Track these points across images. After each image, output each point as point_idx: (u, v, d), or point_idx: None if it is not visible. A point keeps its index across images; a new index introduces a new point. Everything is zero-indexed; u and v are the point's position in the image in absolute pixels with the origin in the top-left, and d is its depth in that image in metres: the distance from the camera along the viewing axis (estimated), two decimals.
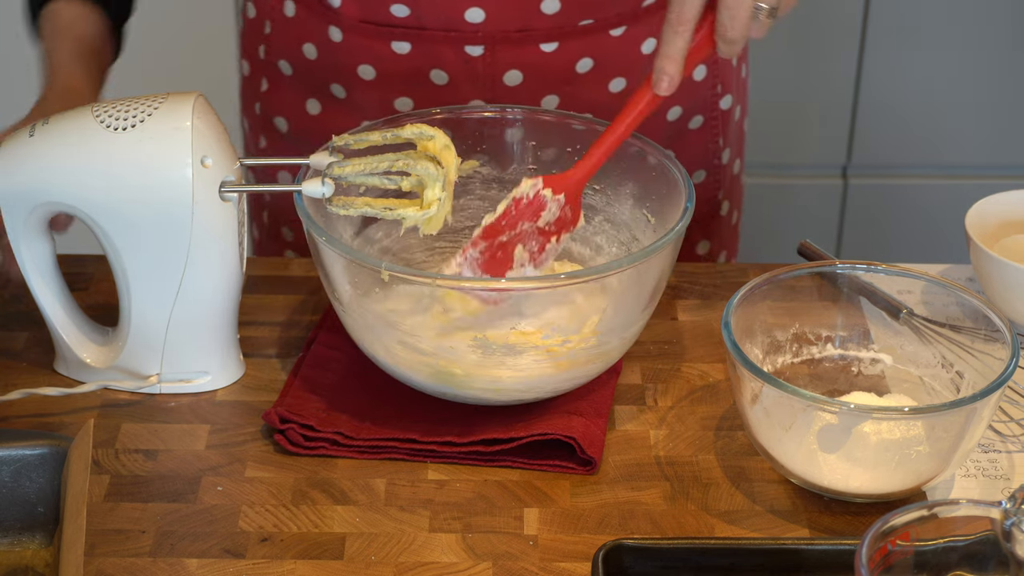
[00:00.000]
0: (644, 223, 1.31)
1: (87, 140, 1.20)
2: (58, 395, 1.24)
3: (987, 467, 1.20)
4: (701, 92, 1.54)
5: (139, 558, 1.11)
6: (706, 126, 1.56)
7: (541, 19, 1.42)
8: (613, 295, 1.24)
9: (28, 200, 1.21)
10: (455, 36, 1.43)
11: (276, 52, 1.52)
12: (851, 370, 1.25)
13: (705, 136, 1.57)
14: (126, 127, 1.19)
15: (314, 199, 1.22)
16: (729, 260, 1.67)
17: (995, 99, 2.59)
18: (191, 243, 1.21)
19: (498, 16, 1.42)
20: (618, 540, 1.08)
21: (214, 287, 1.24)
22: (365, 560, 1.12)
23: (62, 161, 1.20)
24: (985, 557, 1.01)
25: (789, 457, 1.15)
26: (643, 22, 1.46)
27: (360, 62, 1.46)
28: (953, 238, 1.66)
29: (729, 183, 1.62)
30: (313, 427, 1.21)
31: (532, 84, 1.45)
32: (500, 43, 1.43)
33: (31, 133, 1.21)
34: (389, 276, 1.16)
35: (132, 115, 1.20)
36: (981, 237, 1.37)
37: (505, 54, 1.44)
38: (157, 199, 1.19)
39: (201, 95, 1.22)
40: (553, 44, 1.44)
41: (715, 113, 1.56)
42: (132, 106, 1.21)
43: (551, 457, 1.20)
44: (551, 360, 1.19)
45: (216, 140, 1.21)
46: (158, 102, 1.21)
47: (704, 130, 1.56)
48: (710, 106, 1.56)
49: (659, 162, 1.29)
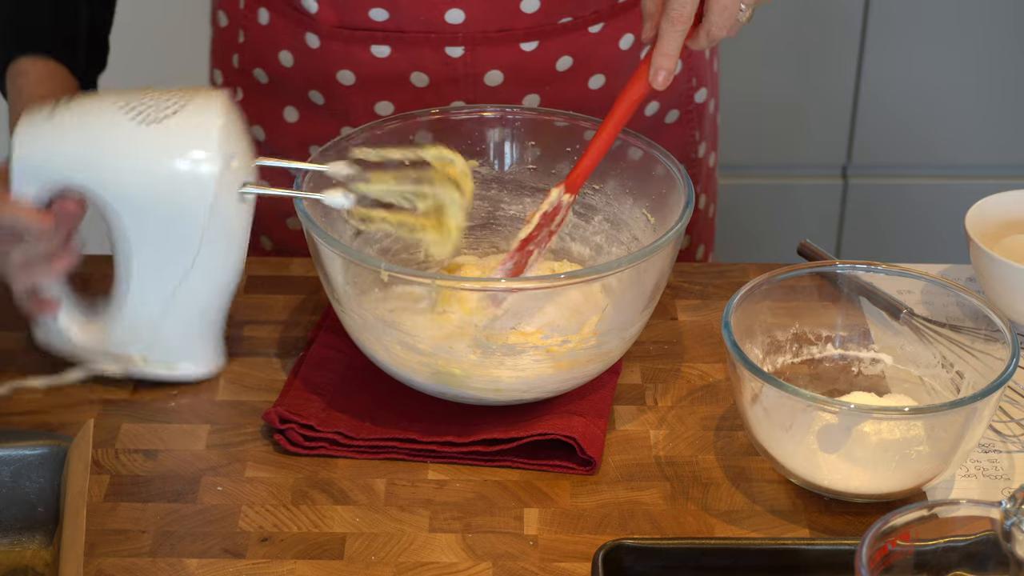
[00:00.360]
0: (644, 223, 1.31)
1: (111, 128, 1.19)
2: (43, 386, 1.24)
3: (987, 467, 1.20)
4: (677, 86, 1.55)
5: (139, 558, 1.11)
6: (682, 120, 1.57)
7: (521, 18, 1.42)
8: (613, 295, 1.24)
9: (42, 175, 1.20)
10: (435, 38, 1.42)
11: (251, 61, 1.51)
12: (851, 370, 1.25)
13: (682, 130, 1.57)
14: (151, 122, 1.19)
15: (312, 201, 1.22)
16: (707, 254, 1.67)
17: (995, 99, 2.59)
18: (203, 239, 1.21)
19: (478, 16, 1.41)
20: (618, 540, 1.08)
21: (216, 281, 1.24)
22: (365, 560, 1.12)
23: (83, 143, 1.19)
24: (985, 557, 1.01)
25: (789, 457, 1.15)
26: (620, 18, 1.46)
27: (339, 68, 1.45)
28: (953, 238, 1.66)
29: (706, 177, 1.63)
30: (313, 427, 1.21)
31: (513, 84, 1.45)
32: (480, 44, 1.43)
33: (53, 110, 1.21)
34: (389, 276, 1.16)
35: (159, 110, 1.19)
36: (981, 237, 1.37)
37: (485, 54, 1.44)
38: (178, 194, 1.19)
39: (225, 94, 1.22)
40: (533, 43, 1.44)
41: (691, 107, 1.57)
42: (158, 100, 1.20)
43: (551, 457, 1.20)
44: (551, 360, 1.19)
45: (240, 141, 1.21)
46: (185, 99, 1.20)
47: (680, 124, 1.57)
48: (686, 100, 1.56)
49: (659, 162, 1.29)
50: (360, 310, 1.21)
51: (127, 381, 1.28)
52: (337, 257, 1.19)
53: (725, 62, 2.46)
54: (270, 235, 1.56)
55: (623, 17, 1.46)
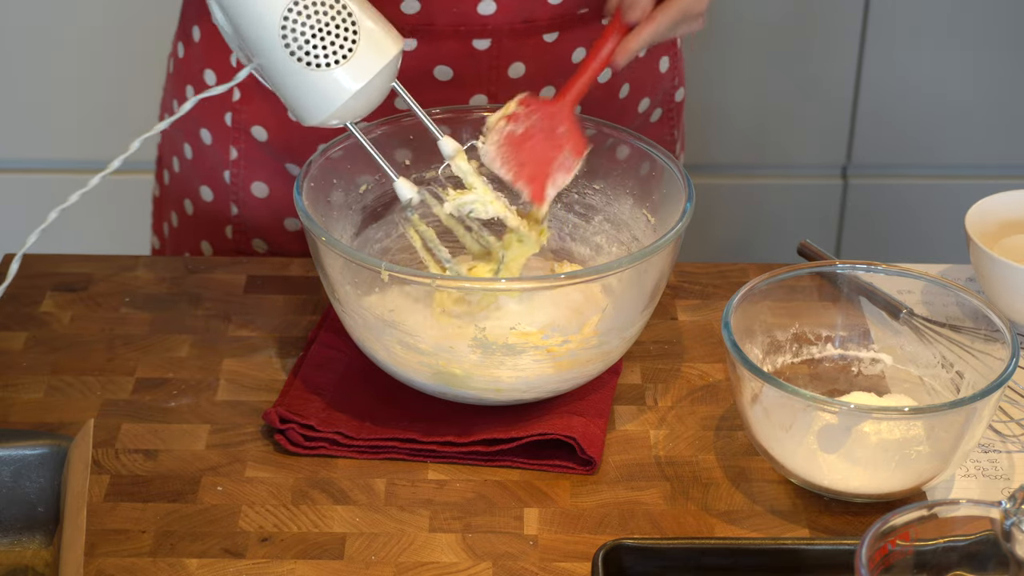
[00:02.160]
0: (644, 223, 1.31)
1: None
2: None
3: (987, 467, 1.20)
4: (664, 84, 1.55)
5: (139, 558, 1.11)
6: (664, 119, 1.57)
7: (545, 8, 1.43)
8: (613, 295, 1.24)
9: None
10: (463, 31, 1.42)
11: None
12: (851, 370, 1.25)
13: (662, 129, 1.58)
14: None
15: (312, 198, 1.22)
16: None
17: (995, 99, 2.59)
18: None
19: (508, 7, 1.42)
20: (618, 540, 1.08)
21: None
22: (365, 560, 1.12)
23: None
24: (985, 557, 1.01)
25: (789, 457, 1.15)
26: None
27: None
28: (953, 238, 1.66)
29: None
30: (313, 427, 1.21)
31: (533, 76, 1.45)
32: (506, 36, 1.43)
33: None
34: (389, 276, 1.16)
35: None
36: (981, 237, 1.37)
37: (510, 46, 1.44)
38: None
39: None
40: (554, 34, 1.44)
41: (671, 105, 1.57)
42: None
43: (551, 457, 1.20)
44: (551, 360, 1.19)
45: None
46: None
47: (662, 123, 1.57)
48: (668, 98, 1.56)
49: (659, 162, 1.29)
50: (360, 310, 1.21)
51: (127, 381, 1.28)
52: (337, 257, 1.19)
53: (725, 62, 2.47)
54: (265, 238, 1.55)
55: None
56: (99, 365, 1.30)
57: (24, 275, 1.39)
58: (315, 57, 1.17)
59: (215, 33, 1.51)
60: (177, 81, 1.55)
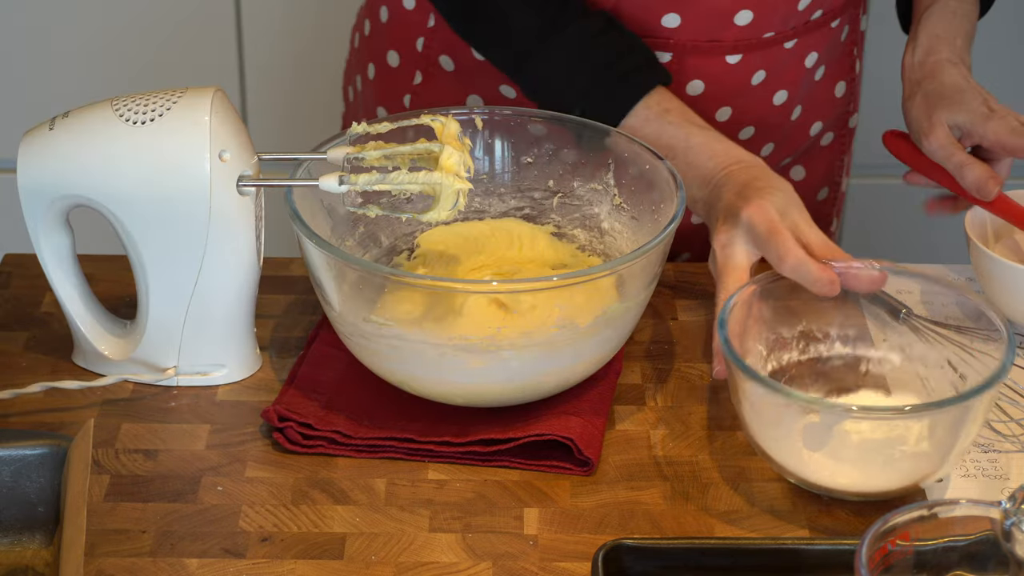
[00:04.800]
0: (640, 222, 1.31)
1: (106, 133, 1.20)
2: (78, 388, 1.24)
3: (987, 467, 1.20)
4: (838, 108, 1.55)
5: (139, 558, 1.11)
6: (835, 143, 1.57)
7: (732, 30, 1.42)
8: (612, 294, 1.24)
9: (48, 193, 1.22)
10: (647, 41, 1.41)
11: (438, 47, 1.49)
12: (857, 369, 1.25)
13: (832, 154, 1.58)
14: (145, 121, 1.20)
15: (308, 197, 1.23)
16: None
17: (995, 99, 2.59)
18: (208, 237, 1.21)
19: (692, 23, 1.41)
20: (618, 540, 1.08)
21: (231, 280, 1.24)
22: (365, 560, 1.12)
23: (81, 154, 1.20)
24: (985, 557, 1.01)
25: (779, 455, 1.15)
26: (810, 35, 1.47)
27: None
28: (953, 238, 1.66)
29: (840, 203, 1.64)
30: (312, 425, 1.21)
31: (711, 95, 1.45)
32: (689, 53, 1.42)
33: (51, 127, 1.21)
34: (384, 278, 1.16)
35: (151, 109, 1.20)
36: (981, 237, 1.37)
37: (692, 64, 1.43)
38: (175, 193, 1.20)
39: (220, 90, 1.23)
40: (737, 56, 1.43)
41: (844, 131, 1.57)
42: (151, 100, 1.21)
43: (549, 457, 1.20)
44: (549, 359, 1.19)
45: (235, 134, 1.21)
46: (177, 96, 1.21)
47: (832, 147, 1.57)
48: (842, 123, 1.56)
49: (656, 163, 1.29)
50: (352, 315, 1.21)
51: (127, 381, 1.28)
52: (327, 260, 1.19)
53: None
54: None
55: (813, 35, 1.47)
56: None
57: (24, 275, 1.39)
58: None
59: (403, 14, 1.52)
60: (360, 58, 1.58)
